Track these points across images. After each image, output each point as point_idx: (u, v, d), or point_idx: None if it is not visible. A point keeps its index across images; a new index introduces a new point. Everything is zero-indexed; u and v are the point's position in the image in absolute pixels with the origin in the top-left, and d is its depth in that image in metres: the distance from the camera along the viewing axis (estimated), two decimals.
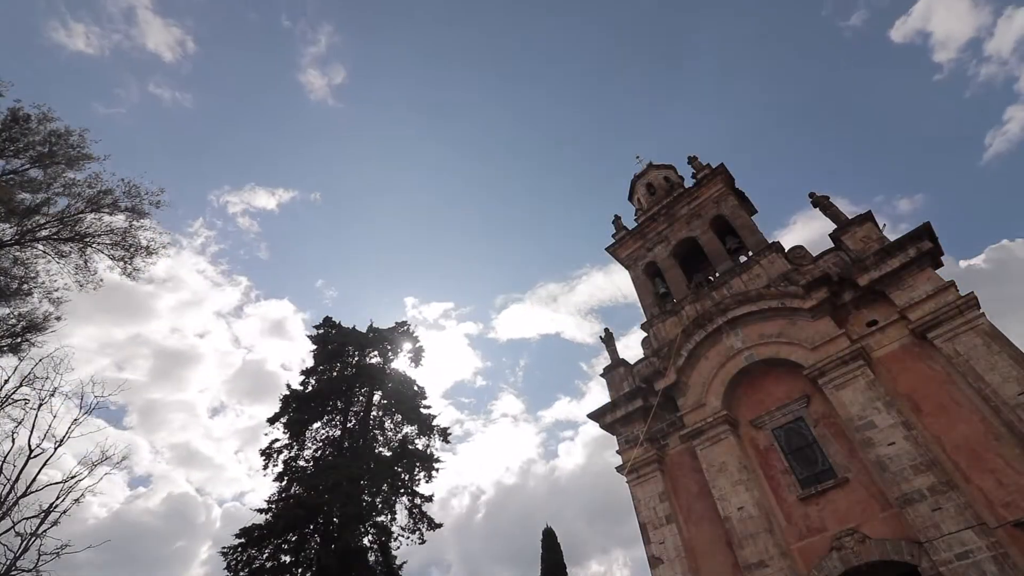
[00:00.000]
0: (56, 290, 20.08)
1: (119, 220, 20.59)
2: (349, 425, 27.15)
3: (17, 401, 19.69)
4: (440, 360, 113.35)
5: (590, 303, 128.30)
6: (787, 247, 16.79)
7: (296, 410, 27.04)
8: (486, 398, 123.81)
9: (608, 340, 19.43)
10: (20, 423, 19.73)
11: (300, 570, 21.85)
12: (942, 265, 13.61)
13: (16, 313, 19.68)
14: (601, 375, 18.69)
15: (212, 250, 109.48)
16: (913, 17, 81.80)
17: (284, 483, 25.01)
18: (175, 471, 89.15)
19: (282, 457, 26.01)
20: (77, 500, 19.64)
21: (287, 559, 22.15)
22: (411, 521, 24.82)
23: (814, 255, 15.89)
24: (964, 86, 78.84)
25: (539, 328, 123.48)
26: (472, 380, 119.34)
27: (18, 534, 18.25)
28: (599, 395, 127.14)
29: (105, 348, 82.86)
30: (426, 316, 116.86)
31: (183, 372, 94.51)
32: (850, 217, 15.49)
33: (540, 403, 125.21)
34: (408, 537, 24.53)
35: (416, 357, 30.58)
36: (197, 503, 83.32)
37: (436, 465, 26.39)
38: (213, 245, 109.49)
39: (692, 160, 20.67)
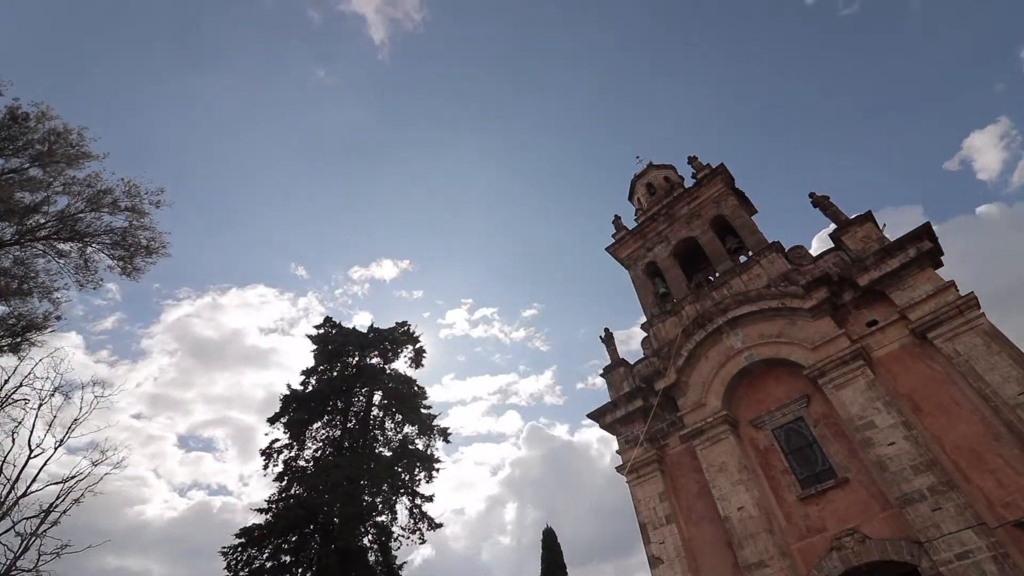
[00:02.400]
0: (56, 290, 20.06)
1: (119, 220, 20.58)
2: (349, 425, 27.14)
3: (17, 401, 19.68)
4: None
5: None
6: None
7: (296, 410, 27.04)
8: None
9: (608, 340, 19.41)
10: (20, 423, 19.74)
11: (300, 570, 21.85)
12: (942, 265, 13.58)
13: (16, 313, 19.65)
14: (601, 375, 18.68)
15: (334, 310, 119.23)
16: (962, 152, 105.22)
17: (284, 483, 25.02)
18: (256, 491, 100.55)
19: (282, 457, 26.05)
20: (77, 500, 19.59)
21: (287, 559, 22.15)
22: (411, 521, 24.86)
23: (814, 255, 15.89)
24: (1000, 198, 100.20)
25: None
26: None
27: (18, 534, 18.21)
28: None
29: (228, 391, 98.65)
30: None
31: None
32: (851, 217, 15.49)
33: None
34: (408, 537, 24.57)
35: (417, 358, 30.53)
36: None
37: (436, 465, 26.44)
38: (341, 307, 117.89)
39: (692, 160, 20.64)
